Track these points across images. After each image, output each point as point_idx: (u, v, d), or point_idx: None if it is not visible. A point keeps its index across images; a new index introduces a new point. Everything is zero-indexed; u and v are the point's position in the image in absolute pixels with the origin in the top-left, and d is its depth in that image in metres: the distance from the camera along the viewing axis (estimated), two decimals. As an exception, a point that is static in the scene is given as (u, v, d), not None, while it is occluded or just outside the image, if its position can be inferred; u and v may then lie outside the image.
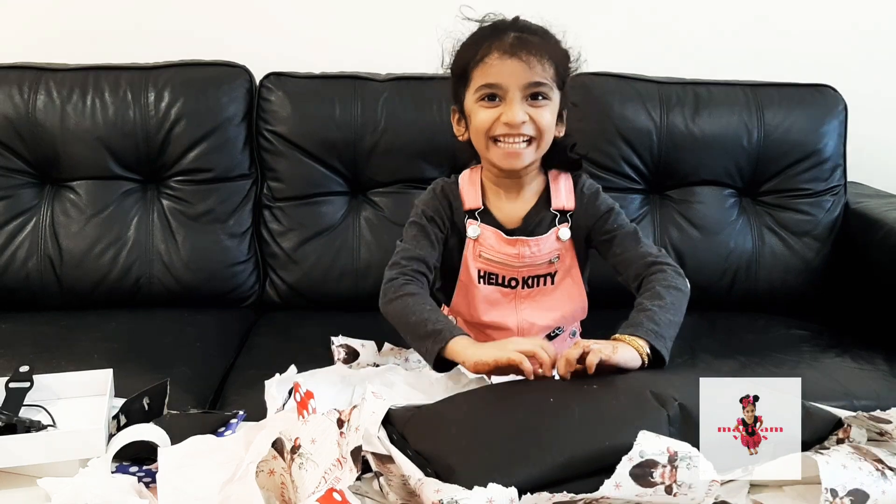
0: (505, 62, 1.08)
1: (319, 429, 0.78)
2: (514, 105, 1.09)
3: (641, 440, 0.70)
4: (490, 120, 1.10)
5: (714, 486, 0.72)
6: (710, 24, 1.91)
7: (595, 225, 1.19)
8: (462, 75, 1.14)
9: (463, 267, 1.20)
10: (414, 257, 1.14)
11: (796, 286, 1.72)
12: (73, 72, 1.66)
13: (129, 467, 0.85)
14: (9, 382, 0.97)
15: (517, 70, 1.08)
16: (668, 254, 1.18)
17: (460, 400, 0.87)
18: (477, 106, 1.12)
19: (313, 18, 1.85)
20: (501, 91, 1.09)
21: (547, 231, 1.18)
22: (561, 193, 1.19)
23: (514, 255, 1.18)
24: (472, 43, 1.14)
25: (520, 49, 1.08)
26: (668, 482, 0.69)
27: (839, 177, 1.75)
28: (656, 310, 1.02)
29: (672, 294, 1.05)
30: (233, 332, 1.56)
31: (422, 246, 1.16)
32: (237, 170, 1.68)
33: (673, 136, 1.70)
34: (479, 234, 1.18)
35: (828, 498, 0.72)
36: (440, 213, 1.19)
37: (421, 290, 1.10)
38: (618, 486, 0.68)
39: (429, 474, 0.73)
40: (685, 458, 0.70)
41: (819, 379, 1.38)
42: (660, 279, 1.08)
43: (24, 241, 1.62)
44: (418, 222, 1.18)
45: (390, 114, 1.67)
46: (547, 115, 1.11)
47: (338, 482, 0.71)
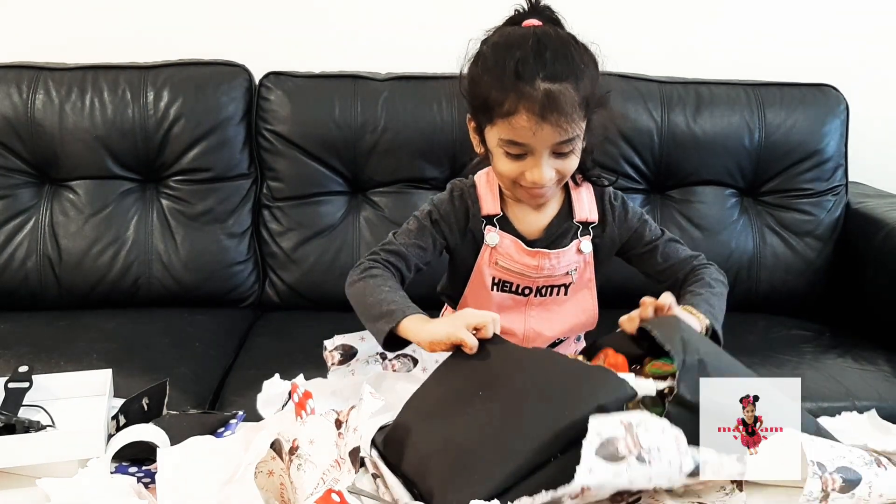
0: (533, 125, 0.99)
1: (318, 430, 0.77)
2: (542, 166, 1.03)
3: (594, 423, 0.69)
4: (514, 172, 1.05)
5: (682, 441, 0.71)
6: (712, 23, 1.91)
7: (631, 238, 1.17)
8: (483, 112, 1.06)
9: (476, 272, 1.16)
10: (393, 251, 1.11)
11: (797, 286, 1.71)
12: (72, 71, 1.66)
13: (128, 468, 0.84)
14: (8, 383, 0.96)
15: (547, 135, 1.01)
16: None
17: (419, 406, 0.85)
18: (500, 152, 1.05)
19: (313, 18, 1.85)
20: (528, 149, 1.03)
21: (569, 243, 1.14)
22: (584, 204, 1.16)
23: (534, 266, 1.13)
24: (495, 81, 1.02)
25: (550, 111, 0.99)
26: (636, 451, 0.69)
27: (840, 177, 1.75)
28: (708, 295, 1.06)
29: (720, 286, 1.11)
30: (232, 333, 1.55)
31: (410, 245, 1.12)
32: (236, 169, 1.68)
33: (674, 135, 1.69)
34: (497, 242, 1.13)
35: (815, 471, 0.71)
36: (450, 219, 1.15)
37: (384, 274, 1.07)
38: (591, 470, 0.67)
39: (415, 496, 0.73)
40: (640, 424, 0.70)
41: (820, 379, 1.38)
42: (709, 272, 1.13)
43: (23, 240, 1.62)
44: (421, 221, 1.14)
45: (390, 113, 1.67)
46: (573, 161, 1.06)
47: (336, 483, 0.71)
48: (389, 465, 0.78)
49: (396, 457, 0.79)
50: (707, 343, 0.90)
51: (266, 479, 0.78)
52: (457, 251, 1.17)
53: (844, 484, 0.72)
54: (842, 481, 0.71)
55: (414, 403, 0.86)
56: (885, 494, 0.73)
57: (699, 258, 1.16)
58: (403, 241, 1.12)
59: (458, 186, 1.17)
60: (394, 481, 0.75)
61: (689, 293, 1.08)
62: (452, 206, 1.15)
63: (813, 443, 0.74)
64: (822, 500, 0.71)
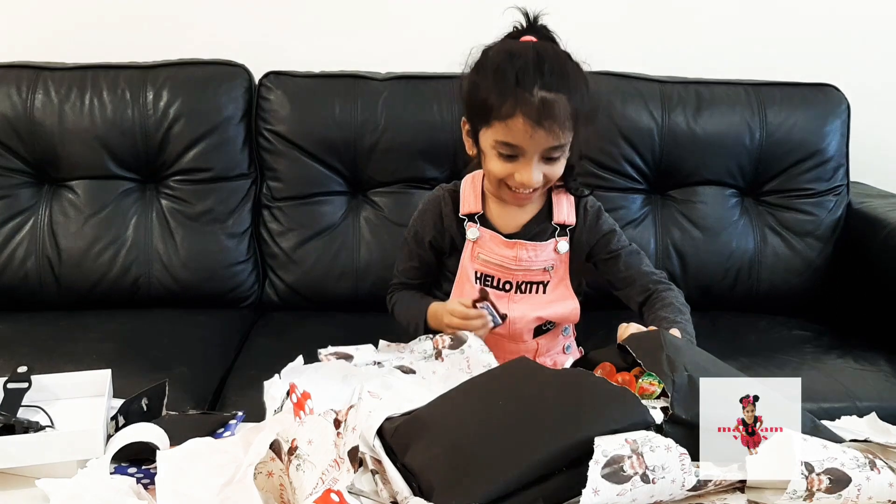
0: (528, 129, 1.08)
1: (316, 430, 0.77)
2: (532, 168, 1.11)
3: (599, 442, 0.70)
4: (504, 172, 1.13)
5: (686, 459, 0.72)
6: (712, 23, 1.91)
7: (598, 243, 1.24)
8: (481, 114, 1.13)
9: (461, 267, 1.24)
10: (399, 284, 1.32)
11: (798, 286, 1.71)
12: (72, 71, 1.66)
13: (127, 468, 0.84)
14: (7, 383, 0.96)
15: (540, 139, 1.09)
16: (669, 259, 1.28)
17: (441, 404, 0.86)
18: (493, 153, 1.13)
19: (313, 18, 1.85)
20: (520, 151, 1.11)
21: (546, 240, 1.21)
22: (563, 208, 1.23)
23: (512, 257, 1.20)
24: (495, 86, 1.10)
25: (545, 117, 1.07)
26: (641, 470, 0.69)
27: (842, 177, 1.75)
28: (685, 323, 1.11)
29: (687, 310, 1.15)
30: (232, 333, 1.55)
31: (406, 271, 1.30)
32: (236, 169, 1.68)
33: (675, 135, 1.69)
34: (478, 236, 1.22)
35: (802, 471, 0.71)
36: (427, 226, 1.25)
37: (400, 296, 1.29)
38: (596, 491, 0.68)
39: (415, 490, 0.73)
40: (645, 443, 0.71)
41: (821, 380, 1.38)
42: (673, 296, 1.17)
43: (23, 240, 1.61)
44: (407, 243, 1.29)
45: (390, 113, 1.67)
46: (560, 167, 1.15)
47: (335, 483, 0.71)
48: (391, 456, 0.78)
49: (402, 448, 0.79)
50: (692, 353, 0.90)
51: (265, 479, 0.78)
52: (441, 250, 1.26)
53: (831, 485, 0.72)
54: (829, 482, 0.72)
55: (436, 403, 0.86)
56: (874, 497, 0.73)
57: (660, 275, 1.23)
58: (402, 269, 1.30)
59: (433, 196, 1.28)
60: (394, 474, 0.75)
61: (665, 319, 1.11)
62: (425, 214, 1.26)
63: (805, 443, 0.74)
64: (807, 499, 0.71)
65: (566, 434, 0.73)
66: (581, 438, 0.71)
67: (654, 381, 0.87)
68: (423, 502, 0.70)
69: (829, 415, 1.00)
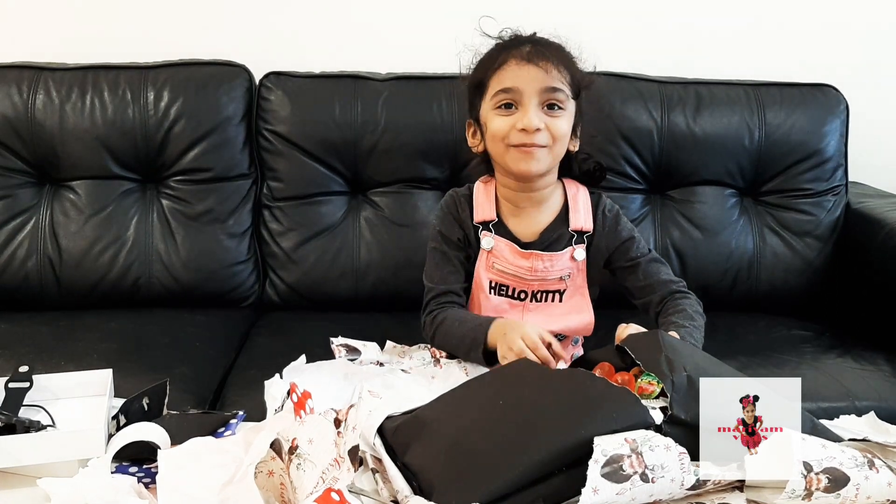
0: (522, 67, 1.10)
1: (317, 429, 0.78)
2: (531, 110, 1.10)
3: (599, 441, 0.70)
4: (506, 127, 1.12)
5: (685, 458, 0.72)
6: (712, 23, 1.90)
7: (617, 250, 1.21)
8: (479, 85, 1.16)
9: (476, 277, 1.21)
10: (439, 293, 1.20)
11: (798, 286, 1.71)
12: (72, 71, 1.66)
13: (128, 468, 0.84)
14: (8, 382, 0.96)
15: (534, 75, 1.09)
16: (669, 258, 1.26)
17: (442, 404, 0.87)
18: (493, 113, 1.13)
19: (313, 18, 1.85)
20: (518, 96, 1.11)
21: (563, 249, 1.19)
22: (580, 213, 1.21)
23: (528, 268, 1.18)
24: (489, 55, 1.17)
25: (537, 56, 1.10)
26: (640, 469, 0.70)
27: (840, 177, 1.75)
28: (692, 329, 1.10)
29: (699, 318, 1.14)
30: (233, 332, 1.55)
31: (446, 277, 1.20)
32: (237, 169, 1.68)
33: (674, 135, 1.69)
34: (493, 245, 1.19)
35: (801, 471, 0.71)
36: (454, 229, 1.21)
37: (447, 314, 1.17)
38: (595, 490, 0.68)
39: (415, 489, 0.74)
40: (644, 443, 0.71)
41: (821, 379, 1.38)
42: (688, 303, 1.16)
43: (24, 241, 1.61)
44: (438, 248, 1.21)
45: (390, 113, 1.67)
46: (563, 123, 1.13)
47: (336, 482, 0.71)
48: (392, 455, 0.78)
49: (402, 447, 0.79)
50: (691, 354, 0.90)
51: (266, 479, 0.78)
52: (467, 253, 1.22)
53: (830, 484, 0.72)
54: (827, 482, 0.72)
55: (436, 402, 0.87)
56: (872, 496, 0.74)
57: (679, 284, 1.20)
58: (438, 279, 1.20)
59: (449, 198, 1.24)
60: (395, 473, 0.75)
61: (673, 324, 1.10)
62: (446, 217, 1.22)
63: (804, 442, 0.74)
64: (805, 499, 0.72)
65: (566, 434, 0.74)
66: (581, 438, 0.72)
67: (652, 381, 0.87)
68: (424, 501, 0.71)
69: (828, 414, 1.00)
